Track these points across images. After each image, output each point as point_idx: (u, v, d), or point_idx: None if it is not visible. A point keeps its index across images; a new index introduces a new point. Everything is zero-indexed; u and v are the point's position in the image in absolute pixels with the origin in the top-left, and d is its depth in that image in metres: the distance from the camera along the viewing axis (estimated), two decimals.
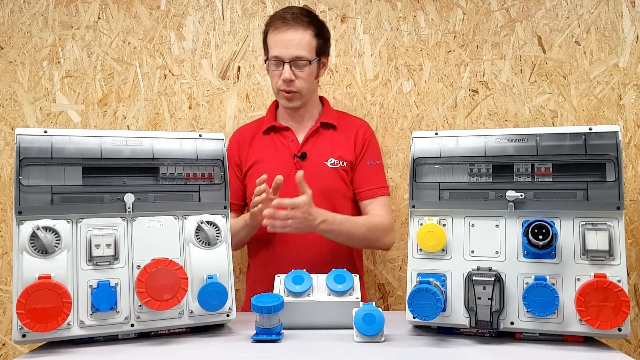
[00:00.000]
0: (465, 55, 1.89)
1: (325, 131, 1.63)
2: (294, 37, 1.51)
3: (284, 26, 1.51)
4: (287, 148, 1.60)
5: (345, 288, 1.18)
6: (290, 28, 1.51)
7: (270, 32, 1.55)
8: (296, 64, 1.51)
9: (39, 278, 1.00)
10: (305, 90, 1.56)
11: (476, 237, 1.11)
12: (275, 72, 1.54)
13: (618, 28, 1.86)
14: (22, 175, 1.06)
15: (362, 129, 1.66)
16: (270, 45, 1.54)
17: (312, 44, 1.53)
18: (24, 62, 1.87)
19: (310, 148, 1.60)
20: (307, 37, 1.52)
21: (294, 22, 1.51)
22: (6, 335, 1.83)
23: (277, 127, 1.63)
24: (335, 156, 1.60)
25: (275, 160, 1.59)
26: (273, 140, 1.62)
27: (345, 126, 1.65)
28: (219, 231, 1.17)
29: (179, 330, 1.13)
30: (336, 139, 1.62)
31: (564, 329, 1.04)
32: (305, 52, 1.52)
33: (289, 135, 1.62)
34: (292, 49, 1.50)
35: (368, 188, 1.60)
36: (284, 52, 1.51)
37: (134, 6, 1.89)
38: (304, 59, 1.52)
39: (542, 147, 1.11)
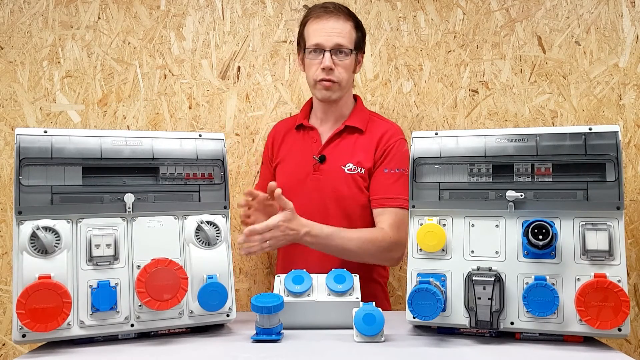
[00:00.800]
0: (465, 55, 1.89)
1: (350, 135, 1.58)
2: (336, 25, 1.49)
3: (325, 14, 1.50)
4: (309, 148, 1.58)
5: (345, 288, 1.18)
6: (332, 16, 1.50)
7: (310, 22, 1.52)
8: (337, 52, 1.49)
9: (39, 278, 1.00)
10: (344, 82, 1.53)
11: (476, 237, 1.11)
12: (314, 61, 1.51)
13: (618, 28, 1.86)
14: (22, 175, 1.06)
15: (388, 134, 1.57)
16: (310, 34, 1.51)
17: (352, 35, 1.53)
18: (24, 62, 1.87)
19: (330, 151, 1.56)
20: (348, 27, 1.51)
21: (336, 10, 1.51)
22: (6, 335, 1.83)
23: (305, 126, 1.61)
24: (354, 162, 1.54)
25: (296, 161, 1.58)
26: (302, 139, 1.62)
27: (372, 130, 1.58)
28: (219, 231, 1.17)
29: (179, 330, 1.13)
30: (359, 143, 1.56)
31: (564, 329, 1.04)
32: (346, 41, 1.50)
33: (314, 135, 1.60)
34: (334, 36, 1.48)
35: (379, 197, 1.52)
36: (325, 40, 1.48)
37: (134, 6, 1.89)
38: (345, 48, 1.50)
39: (542, 147, 1.11)
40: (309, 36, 1.52)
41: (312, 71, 1.52)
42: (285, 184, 1.52)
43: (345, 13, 1.52)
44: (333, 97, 1.54)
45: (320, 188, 1.54)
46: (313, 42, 1.50)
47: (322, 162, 1.56)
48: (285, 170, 1.58)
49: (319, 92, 1.54)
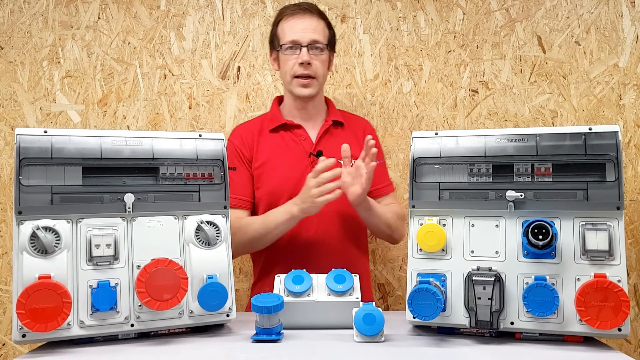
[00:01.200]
0: (465, 55, 1.89)
1: (335, 130, 1.63)
2: (310, 23, 1.55)
3: (300, 12, 1.55)
4: (300, 146, 1.58)
5: (345, 288, 1.18)
6: (307, 14, 1.55)
7: (283, 21, 1.56)
8: (313, 48, 1.53)
9: (39, 278, 1.00)
10: (321, 78, 1.57)
11: (476, 237, 1.11)
12: (291, 57, 1.54)
13: (618, 28, 1.86)
14: (22, 175, 1.06)
15: (368, 128, 1.69)
16: (285, 31, 1.55)
17: (326, 33, 1.58)
18: (24, 62, 1.87)
19: (324, 146, 1.58)
20: (322, 25, 1.57)
21: (310, 9, 1.56)
22: (6, 335, 1.83)
23: (289, 124, 1.60)
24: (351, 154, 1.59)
25: (288, 159, 1.56)
26: (283, 139, 1.59)
27: (351, 124, 1.66)
28: (219, 231, 1.17)
29: (179, 330, 1.13)
30: (346, 137, 1.61)
31: (564, 329, 1.04)
32: (321, 37, 1.55)
33: (301, 133, 1.60)
34: (309, 32, 1.53)
35: (378, 186, 1.61)
36: (301, 36, 1.53)
37: (134, 6, 1.89)
38: (321, 43, 1.54)
39: (542, 147, 1.10)
40: (284, 34, 1.55)
41: (288, 67, 1.55)
42: (280, 184, 1.53)
43: (318, 12, 1.58)
44: (312, 92, 1.56)
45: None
46: (289, 38, 1.53)
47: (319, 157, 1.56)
48: (275, 172, 1.55)
49: (296, 88, 1.56)
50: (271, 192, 1.54)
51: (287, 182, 1.53)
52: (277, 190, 1.53)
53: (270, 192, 1.54)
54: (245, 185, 1.56)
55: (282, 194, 1.52)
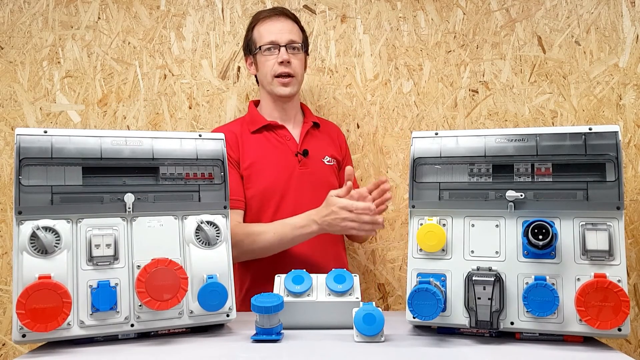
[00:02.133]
0: (465, 55, 1.89)
1: (314, 131, 1.68)
2: (285, 25, 1.61)
3: (274, 16, 1.61)
4: (285, 146, 1.60)
5: (345, 288, 1.18)
6: (281, 17, 1.62)
7: (259, 24, 1.61)
8: (291, 47, 1.58)
9: (39, 278, 1.00)
10: (299, 77, 1.62)
11: (476, 237, 1.11)
12: (270, 57, 1.58)
13: (618, 28, 1.86)
14: (22, 175, 1.06)
15: (340, 132, 1.80)
16: (262, 34, 1.59)
17: (300, 35, 1.64)
18: (24, 62, 1.87)
19: (309, 145, 1.62)
20: (297, 28, 1.63)
21: (283, 14, 1.62)
22: (6, 335, 1.83)
23: (272, 125, 1.62)
24: (329, 154, 1.66)
25: (275, 159, 1.58)
26: (268, 139, 1.61)
27: (325, 128, 1.73)
28: (219, 231, 1.17)
29: (179, 330, 1.13)
30: (323, 138, 1.69)
31: (564, 329, 1.04)
32: (297, 37, 1.61)
33: (285, 133, 1.62)
34: (286, 33, 1.58)
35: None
36: (279, 37, 1.58)
37: (134, 6, 1.89)
38: (297, 43, 1.60)
39: (542, 147, 1.10)
40: (261, 36, 1.60)
41: (268, 67, 1.59)
42: (271, 184, 1.55)
43: (291, 15, 1.64)
44: (293, 91, 1.61)
45: (311, 180, 1.58)
46: (267, 40, 1.58)
47: (306, 157, 1.60)
48: (265, 172, 1.56)
49: (277, 88, 1.59)
50: (262, 193, 1.55)
51: (277, 182, 1.56)
52: (267, 190, 1.55)
53: (261, 193, 1.55)
54: (237, 186, 1.56)
55: (273, 194, 1.55)
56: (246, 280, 1.57)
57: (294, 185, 1.56)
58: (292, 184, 1.56)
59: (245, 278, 1.58)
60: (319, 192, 1.54)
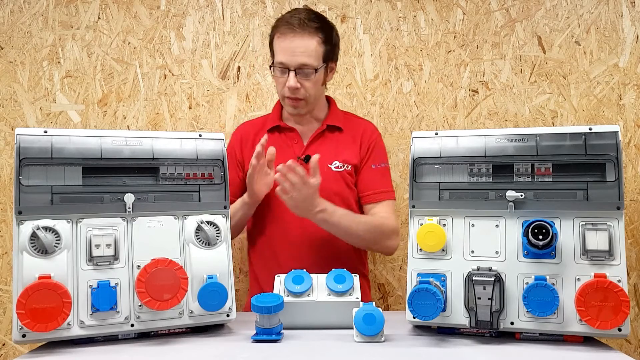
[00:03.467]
0: (465, 55, 1.89)
1: (331, 134, 1.60)
2: (300, 44, 1.46)
3: (290, 33, 1.46)
4: (291, 149, 1.58)
5: (345, 288, 1.18)
6: (297, 35, 1.46)
7: (276, 38, 1.51)
8: (302, 72, 1.47)
9: (39, 278, 1.00)
10: (311, 98, 1.53)
11: (476, 237, 1.11)
12: (280, 79, 1.51)
13: (618, 28, 1.86)
14: (22, 175, 1.06)
15: (369, 131, 1.62)
16: (276, 51, 1.51)
17: (318, 51, 1.49)
18: (24, 62, 1.87)
19: (314, 151, 1.55)
20: (314, 45, 1.47)
21: (301, 28, 1.46)
22: (6, 335, 1.83)
23: (282, 127, 1.60)
24: (340, 159, 1.56)
25: (277, 161, 1.54)
26: (277, 140, 1.59)
27: (351, 128, 1.61)
28: (219, 231, 1.17)
29: (179, 330, 1.13)
30: (342, 141, 1.59)
31: (564, 329, 1.04)
32: (311, 59, 1.47)
33: (294, 136, 1.59)
34: (297, 56, 1.46)
35: (372, 192, 1.56)
36: (289, 60, 1.47)
37: (134, 6, 1.89)
38: (309, 67, 1.47)
39: (542, 147, 1.10)
40: (275, 52, 1.52)
41: (279, 86, 1.54)
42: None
43: (311, 28, 1.47)
44: (301, 112, 1.55)
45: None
46: (279, 60, 1.49)
47: (307, 162, 1.55)
48: None
49: (287, 107, 1.56)
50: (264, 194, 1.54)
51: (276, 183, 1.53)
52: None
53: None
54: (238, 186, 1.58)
55: (272, 196, 1.52)
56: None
57: None
58: None
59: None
60: None
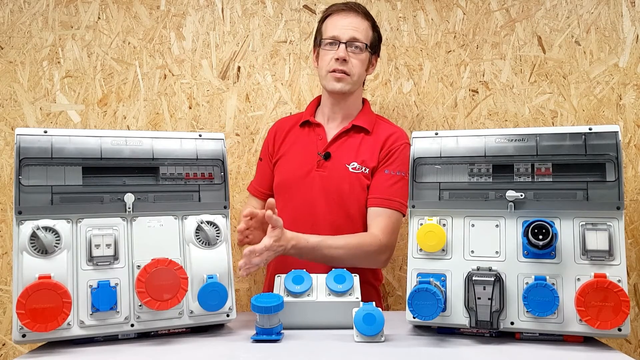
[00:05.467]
0: (465, 55, 1.89)
1: (357, 134, 1.57)
2: (353, 20, 1.53)
3: (345, 10, 1.54)
4: (314, 145, 1.58)
5: (345, 288, 1.18)
6: (351, 12, 1.54)
7: (329, 18, 1.57)
8: (352, 46, 1.52)
9: (39, 278, 1.00)
10: (356, 76, 1.54)
11: (476, 237, 1.11)
12: (329, 52, 1.53)
13: (618, 28, 1.86)
14: (22, 175, 1.06)
15: (394, 136, 1.56)
16: (327, 28, 1.55)
17: (368, 34, 1.56)
18: (24, 62, 1.87)
19: (336, 149, 1.56)
20: (366, 25, 1.55)
21: (356, 8, 1.55)
22: (6, 335, 1.83)
23: (311, 122, 1.61)
24: (359, 161, 1.53)
25: (300, 156, 1.58)
26: (307, 135, 1.62)
27: (378, 132, 1.58)
28: (219, 231, 1.17)
29: (179, 330, 1.13)
30: (365, 143, 1.56)
31: (564, 329, 1.04)
32: (362, 36, 1.53)
33: (320, 132, 1.60)
34: (350, 30, 1.52)
35: (376, 196, 1.50)
36: (342, 32, 1.52)
37: (134, 6, 1.89)
38: (360, 42, 1.53)
39: (542, 147, 1.11)
40: (326, 30, 1.56)
41: (325, 61, 1.54)
42: (287, 178, 1.56)
43: (364, 12, 1.56)
44: (344, 89, 1.53)
45: (323, 185, 1.54)
46: (330, 34, 1.54)
47: (326, 159, 1.55)
48: (287, 165, 1.59)
49: (329, 83, 1.54)
50: (280, 184, 1.59)
51: (292, 178, 1.56)
52: (284, 183, 1.58)
53: (279, 184, 1.59)
54: (264, 177, 1.65)
55: (288, 188, 1.56)
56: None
57: (307, 185, 1.54)
58: (305, 184, 1.55)
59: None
60: (331, 197, 1.52)
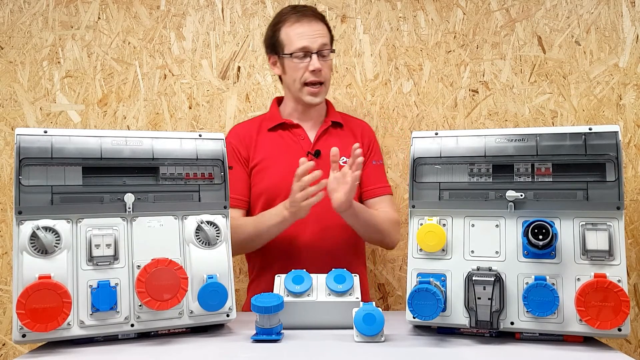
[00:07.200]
0: (465, 55, 1.89)
1: (334, 130, 1.63)
2: (317, 27, 1.54)
3: (305, 17, 1.54)
4: (298, 145, 1.58)
5: (345, 288, 1.18)
6: (312, 19, 1.54)
7: (287, 26, 1.54)
8: (322, 53, 1.53)
9: (39, 278, 1.00)
10: (328, 83, 1.59)
11: (476, 237, 1.11)
12: (300, 65, 1.52)
13: (618, 28, 1.86)
14: (22, 175, 1.06)
15: (367, 129, 1.70)
16: (293, 38, 1.53)
17: (329, 37, 1.58)
18: (24, 62, 1.87)
19: (323, 146, 1.58)
20: (326, 29, 1.57)
21: (313, 15, 1.55)
22: (6, 335, 1.83)
23: (287, 124, 1.60)
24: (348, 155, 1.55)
25: (286, 158, 1.56)
26: (282, 138, 1.59)
27: (349, 126, 1.67)
28: (219, 231, 1.17)
29: (179, 330, 1.13)
30: (345, 138, 1.62)
31: (564, 329, 1.04)
32: (328, 40, 1.56)
33: (300, 132, 1.60)
34: (318, 38, 1.53)
35: (375, 187, 1.61)
36: (311, 42, 1.52)
37: (134, 6, 1.89)
38: (328, 47, 1.55)
39: (542, 147, 1.10)
40: (291, 40, 1.53)
41: (297, 73, 1.54)
42: (278, 183, 1.53)
43: (320, 15, 1.57)
44: (320, 100, 1.58)
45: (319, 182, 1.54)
46: (299, 45, 1.52)
47: (317, 157, 1.56)
48: (274, 170, 1.55)
49: (306, 97, 1.56)
50: (268, 190, 1.54)
51: (284, 180, 1.53)
52: (274, 188, 1.54)
53: (268, 190, 1.54)
54: (241, 185, 1.56)
55: (279, 192, 1.52)
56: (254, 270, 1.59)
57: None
58: None
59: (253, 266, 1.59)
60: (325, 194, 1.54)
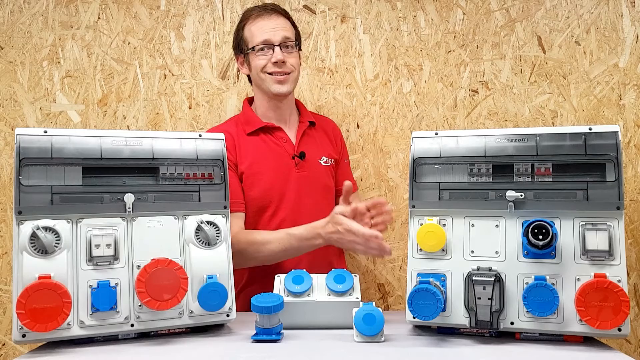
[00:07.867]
0: (465, 55, 1.89)
1: (310, 130, 1.64)
2: (278, 21, 1.54)
3: (266, 13, 1.55)
4: (281, 148, 1.57)
5: (345, 288, 1.18)
6: (274, 14, 1.55)
7: (250, 23, 1.55)
8: (285, 46, 1.53)
9: (39, 278, 1.00)
10: (296, 73, 1.57)
11: (476, 237, 1.11)
12: (262, 58, 1.52)
13: (618, 28, 1.86)
14: (22, 175, 1.06)
15: (336, 127, 1.75)
16: (254, 33, 1.54)
17: (293, 32, 1.58)
18: (24, 62, 1.87)
19: (305, 147, 1.59)
20: (289, 24, 1.57)
21: (274, 11, 1.55)
22: (6, 335, 1.83)
23: (269, 127, 1.58)
24: (326, 154, 1.64)
25: (272, 162, 1.55)
26: (264, 142, 1.57)
27: (321, 124, 1.70)
28: (219, 231, 1.17)
29: (179, 330, 1.13)
30: (319, 137, 1.66)
31: (564, 329, 1.04)
32: (291, 34, 1.56)
33: (282, 135, 1.58)
34: (280, 31, 1.53)
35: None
36: (273, 35, 1.52)
37: (134, 6, 1.89)
38: (291, 40, 1.55)
39: (542, 147, 1.11)
40: (253, 35, 1.54)
41: (260, 66, 1.53)
42: (270, 188, 1.52)
43: (284, 11, 1.58)
44: (289, 89, 1.56)
45: (309, 183, 1.56)
46: (260, 39, 1.52)
47: (303, 159, 1.57)
48: (263, 176, 1.53)
49: (272, 86, 1.54)
50: (260, 196, 1.53)
51: (275, 185, 1.54)
52: (265, 194, 1.53)
53: (259, 197, 1.53)
54: (236, 188, 1.52)
55: (271, 198, 1.52)
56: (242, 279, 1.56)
57: (292, 188, 1.54)
58: (289, 188, 1.54)
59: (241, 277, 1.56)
60: (317, 196, 1.55)
